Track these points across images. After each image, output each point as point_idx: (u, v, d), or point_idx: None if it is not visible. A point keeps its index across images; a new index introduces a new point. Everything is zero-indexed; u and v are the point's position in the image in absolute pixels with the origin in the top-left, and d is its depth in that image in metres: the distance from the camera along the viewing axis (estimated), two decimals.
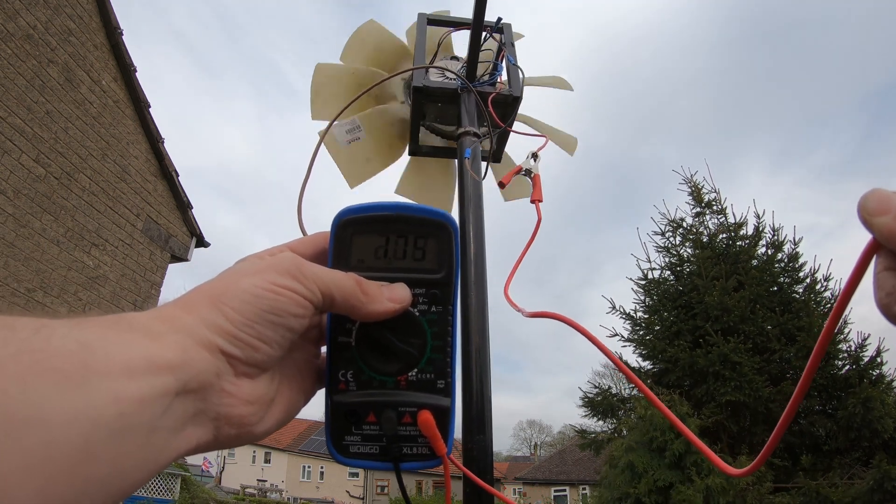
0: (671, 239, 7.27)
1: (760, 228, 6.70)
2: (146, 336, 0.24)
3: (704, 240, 6.91)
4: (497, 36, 1.27)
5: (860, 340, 5.77)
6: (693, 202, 7.29)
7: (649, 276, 7.13)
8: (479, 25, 1.07)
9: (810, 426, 5.51)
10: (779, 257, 6.53)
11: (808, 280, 6.33)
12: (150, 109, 5.45)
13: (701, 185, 7.28)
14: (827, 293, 6.17)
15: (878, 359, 5.65)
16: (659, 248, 7.30)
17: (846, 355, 5.85)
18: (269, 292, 0.29)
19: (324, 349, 0.37)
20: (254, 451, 26.97)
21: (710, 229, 7.02)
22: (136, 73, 5.28)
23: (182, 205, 5.92)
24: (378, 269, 0.36)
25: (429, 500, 18.94)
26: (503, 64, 1.24)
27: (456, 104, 1.16)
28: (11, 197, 4.04)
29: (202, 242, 6.28)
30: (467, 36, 1.15)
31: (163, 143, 5.61)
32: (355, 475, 23.67)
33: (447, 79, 1.20)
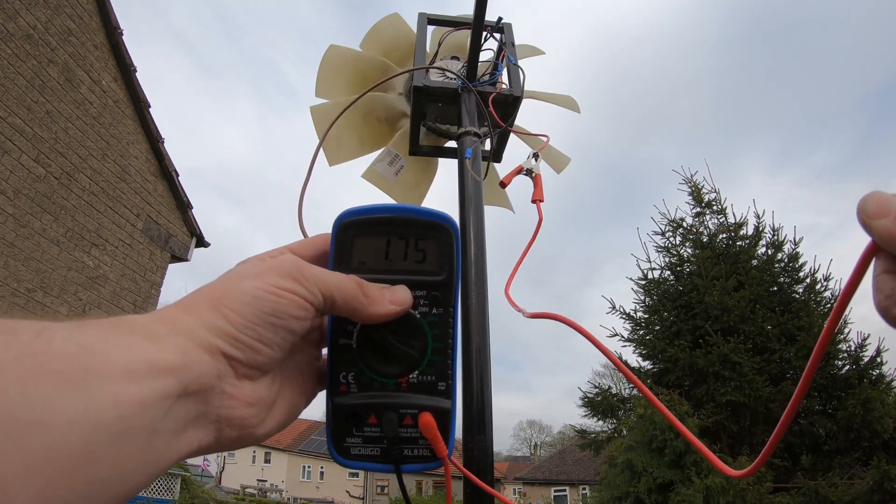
0: (671, 239, 7.26)
1: (760, 228, 6.69)
2: (147, 338, 0.24)
3: (704, 240, 6.90)
4: (497, 35, 1.27)
5: (860, 340, 5.76)
6: (693, 202, 7.28)
7: (649, 276, 7.12)
8: (479, 25, 1.07)
9: (810, 426, 5.51)
10: (779, 257, 6.52)
11: (808, 280, 6.32)
12: (150, 109, 5.45)
13: (701, 185, 7.27)
14: (827, 293, 6.17)
15: (878, 359, 5.64)
16: (659, 248, 7.29)
17: (846, 355, 5.84)
18: (270, 294, 0.29)
19: (325, 351, 0.37)
20: (254, 451, 26.96)
21: (710, 229, 7.01)
22: (136, 73, 5.28)
23: (182, 205, 5.92)
24: (379, 271, 0.36)
25: (429, 501, 18.94)
26: (503, 63, 1.24)
27: (456, 104, 1.16)
28: (11, 197, 4.04)
29: (202, 242, 6.29)
30: (468, 35, 1.15)
31: (163, 143, 5.61)
32: (355, 475, 23.64)
33: (447, 79, 1.20)
